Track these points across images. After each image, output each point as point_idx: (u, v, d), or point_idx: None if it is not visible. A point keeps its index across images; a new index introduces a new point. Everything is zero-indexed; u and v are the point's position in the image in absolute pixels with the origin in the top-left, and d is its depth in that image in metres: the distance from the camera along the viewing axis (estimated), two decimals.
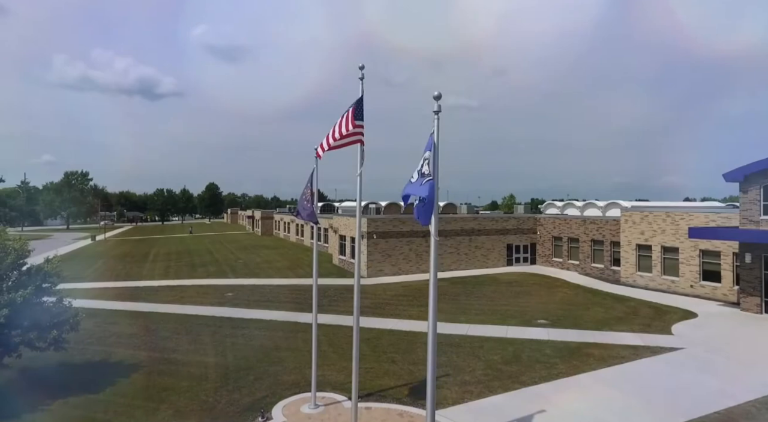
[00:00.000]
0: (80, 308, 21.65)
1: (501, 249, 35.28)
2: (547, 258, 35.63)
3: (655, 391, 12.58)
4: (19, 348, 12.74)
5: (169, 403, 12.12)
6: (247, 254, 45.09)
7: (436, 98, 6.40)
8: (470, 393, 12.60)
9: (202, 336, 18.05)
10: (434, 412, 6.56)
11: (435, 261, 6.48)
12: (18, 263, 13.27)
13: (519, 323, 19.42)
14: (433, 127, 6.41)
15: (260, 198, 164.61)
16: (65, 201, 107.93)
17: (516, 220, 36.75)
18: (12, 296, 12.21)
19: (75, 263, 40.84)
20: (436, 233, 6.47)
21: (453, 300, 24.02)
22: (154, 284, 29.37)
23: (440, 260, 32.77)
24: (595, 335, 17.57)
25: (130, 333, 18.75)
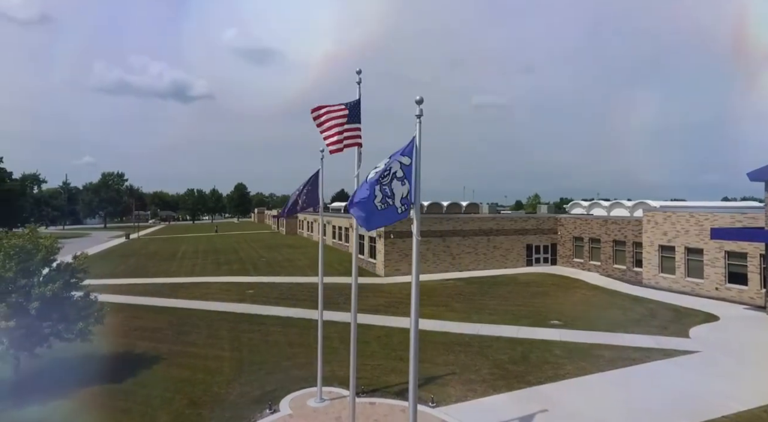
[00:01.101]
0: (109, 303, 22.89)
1: (520, 249, 34.96)
2: (568, 259, 35.09)
3: (663, 394, 12.41)
4: (49, 339, 13.63)
5: (185, 394, 12.76)
6: (270, 253, 46.17)
7: (418, 102, 6.64)
8: (474, 392, 12.74)
9: (221, 331, 18.77)
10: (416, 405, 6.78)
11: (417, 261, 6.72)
12: (48, 260, 14.18)
13: (531, 323, 19.34)
14: (415, 131, 6.64)
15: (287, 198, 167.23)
16: (102, 201, 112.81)
17: (536, 220, 36.34)
18: (42, 291, 13.09)
19: (109, 260, 42.84)
20: (418, 234, 6.71)
21: (467, 300, 24.07)
22: (180, 281, 30.52)
23: (458, 259, 32.81)
24: (608, 336, 17.35)
25: (153, 327, 19.65)
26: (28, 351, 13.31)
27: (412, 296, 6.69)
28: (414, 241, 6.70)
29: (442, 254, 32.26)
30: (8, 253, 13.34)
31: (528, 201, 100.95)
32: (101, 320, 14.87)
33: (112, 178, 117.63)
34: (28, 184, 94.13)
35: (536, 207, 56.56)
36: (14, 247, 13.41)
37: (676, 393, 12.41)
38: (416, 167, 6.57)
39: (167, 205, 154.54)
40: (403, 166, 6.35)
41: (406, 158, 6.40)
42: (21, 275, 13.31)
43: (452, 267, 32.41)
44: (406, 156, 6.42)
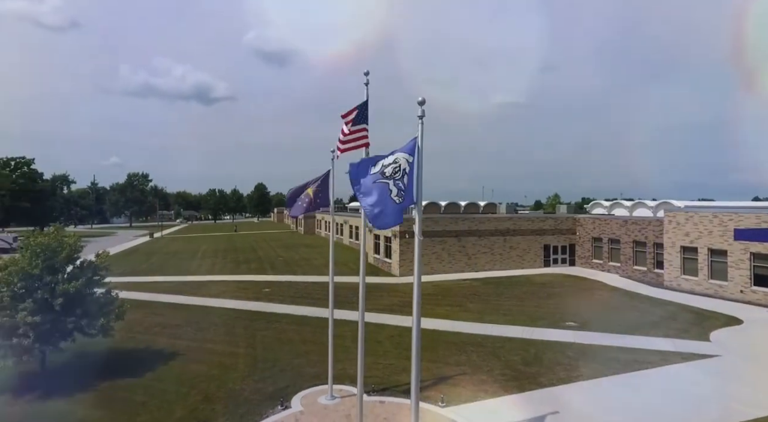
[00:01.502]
0: (132, 300, 23.59)
1: (537, 250, 34.55)
2: (587, 260, 34.51)
3: (679, 398, 12.17)
4: (73, 334, 14.17)
5: (200, 389, 13.10)
6: (288, 252, 46.73)
7: (420, 103, 6.71)
8: (484, 392, 12.72)
9: (237, 329, 19.15)
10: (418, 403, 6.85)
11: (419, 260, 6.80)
12: (72, 258, 14.73)
13: (546, 324, 19.14)
14: (417, 131, 6.71)
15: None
16: (128, 201, 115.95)
17: (554, 220, 35.85)
18: (66, 287, 13.62)
19: (133, 258, 44.07)
20: (420, 233, 6.78)
21: (482, 300, 23.96)
22: (200, 279, 31.20)
23: (474, 260, 32.63)
24: (625, 339, 17.05)
25: (173, 323, 20.17)
26: (53, 345, 13.87)
27: (414, 296, 6.77)
28: (416, 241, 6.78)
29: (457, 254, 32.15)
30: (35, 251, 13.92)
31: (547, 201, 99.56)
32: (122, 316, 15.40)
33: (137, 178, 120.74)
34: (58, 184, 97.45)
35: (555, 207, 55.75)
36: (40, 245, 13.98)
37: (693, 398, 12.15)
38: (418, 167, 6.65)
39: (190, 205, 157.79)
40: (408, 163, 6.45)
41: (409, 155, 6.49)
42: (46, 272, 13.87)
43: (468, 267, 32.26)
44: (409, 154, 6.50)
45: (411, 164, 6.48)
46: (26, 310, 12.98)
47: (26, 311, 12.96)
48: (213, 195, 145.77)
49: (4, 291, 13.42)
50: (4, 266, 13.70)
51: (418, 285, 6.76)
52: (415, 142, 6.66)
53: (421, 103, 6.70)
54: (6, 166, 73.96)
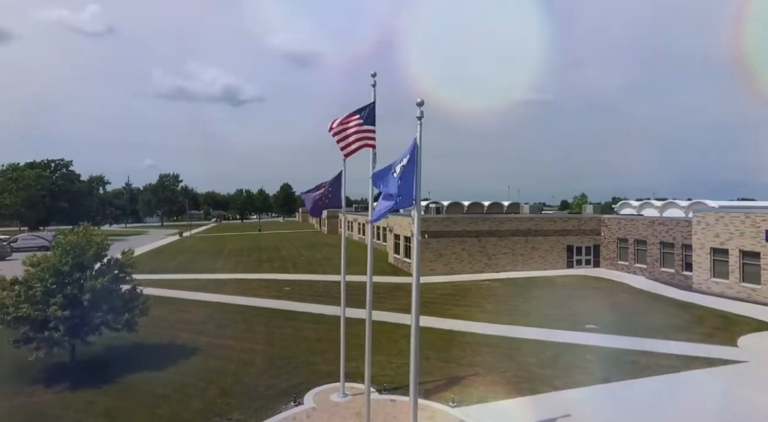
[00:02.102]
0: (158, 296, 24.43)
1: (560, 251, 33.93)
2: (612, 261, 33.67)
3: (698, 405, 11.81)
4: (100, 328, 14.84)
5: (217, 384, 13.51)
6: (310, 251, 47.37)
7: (419, 105, 6.80)
8: (496, 393, 12.66)
9: (256, 326, 19.61)
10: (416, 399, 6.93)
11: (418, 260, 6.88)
12: (100, 255, 15.42)
13: (565, 327, 18.83)
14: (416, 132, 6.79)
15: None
16: (160, 201, 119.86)
17: (577, 220, 35.13)
18: (93, 284, 14.26)
19: (162, 257, 45.56)
20: (418, 233, 6.85)
21: (501, 301, 23.75)
22: (224, 277, 32.02)
23: (494, 260, 32.33)
24: (646, 342, 16.61)
25: (195, 320, 20.80)
26: (82, 339, 14.54)
27: (413, 295, 6.86)
28: (414, 240, 6.86)
29: (477, 254, 31.92)
30: (65, 249, 14.64)
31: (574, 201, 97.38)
32: (146, 312, 16.00)
33: (168, 179, 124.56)
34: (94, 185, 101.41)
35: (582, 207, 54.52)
36: (70, 243, 14.70)
37: (715, 405, 11.78)
38: (417, 167, 6.72)
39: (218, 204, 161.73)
40: (402, 166, 6.54)
41: (406, 158, 6.59)
42: (76, 269, 14.55)
43: (488, 268, 31.99)
44: (409, 155, 6.60)
45: (409, 166, 6.56)
46: (57, 305, 13.65)
47: (57, 306, 13.62)
48: (240, 195, 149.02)
49: (38, 286, 14.14)
50: (37, 263, 14.45)
51: (416, 286, 6.84)
52: (414, 143, 6.75)
53: (420, 105, 6.79)
54: (46, 167, 77.58)
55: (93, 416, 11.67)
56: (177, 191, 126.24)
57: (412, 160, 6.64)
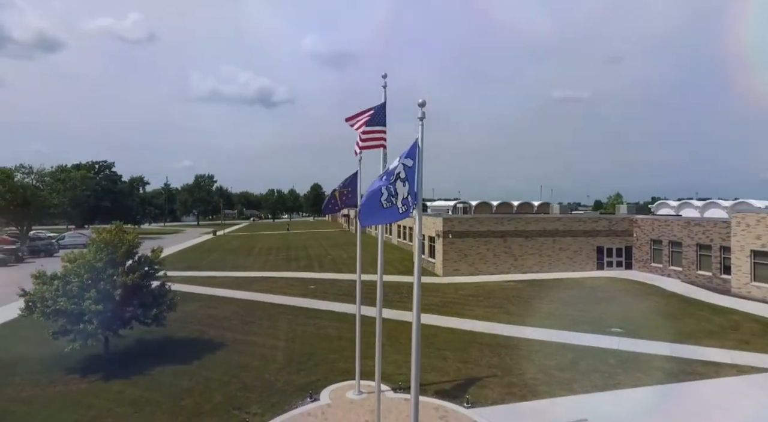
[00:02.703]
0: (189, 293, 25.37)
1: (589, 252, 33.00)
2: (645, 263, 32.48)
3: (726, 414, 11.32)
4: (131, 322, 15.60)
5: (239, 379, 13.95)
6: (337, 251, 47.91)
7: (421, 105, 6.85)
8: (512, 395, 12.54)
9: (280, 323, 20.08)
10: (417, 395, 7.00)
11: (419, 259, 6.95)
12: (131, 253, 16.20)
13: (589, 330, 18.37)
14: (417, 133, 6.86)
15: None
16: (195, 200, 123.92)
17: (607, 221, 34.06)
18: (124, 279, 15.01)
19: (195, 255, 47.16)
20: (419, 234, 6.92)
21: (524, 303, 23.37)
22: (252, 275, 32.87)
23: (520, 261, 31.81)
24: (674, 348, 16.01)
25: (223, 316, 21.48)
26: (114, 332, 15.33)
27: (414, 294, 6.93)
28: (416, 241, 6.93)
29: (503, 254, 31.47)
30: (99, 246, 15.46)
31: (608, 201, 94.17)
32: (173, 307, 16.69)
33: (204, 179, 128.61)
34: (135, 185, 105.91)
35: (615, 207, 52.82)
36: (103, 241, 15.51)
37: (743, 415, 11.26)
38: (419, 169, 6.78)
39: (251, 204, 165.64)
40: (406, 167, 6.60)
41: (409, 159, 6.64)
42: (109, 266, 15.35)
43: (514, 269, 31.50)
44: (409, 158, 6.65)
45: (410, 168, 6.62)
46: (91, 299, 14.43)
47: (91, 300, 14.40)
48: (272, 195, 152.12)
49: (74, 281, 14.99)
50: (74, 259, 15.32)
51: (418, 285, 6.92)
52: (416, 144, 6.81)
53: (422, 105, 6.84)
54: (91, 169, 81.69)
55: (122, 405, 12.29)
56: (212, 191, 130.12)
57: (416, 162, 6.70)
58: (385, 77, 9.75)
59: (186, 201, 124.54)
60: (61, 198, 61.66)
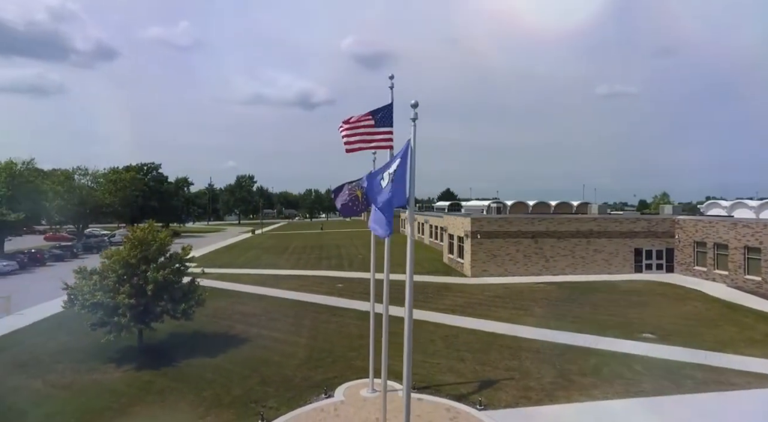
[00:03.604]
0: (222, 290, 26.33)
1: (627, 254, 31.63)
2: (688, 266, 30.78)
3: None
4: (162, 316, 16.41)
5: (259, 373, 14.42)
6: (368, 250, 48.17)
7: (413, 106, 6.90)
8: (527, 399, 12.31)
9: (304, 320, 20.53)
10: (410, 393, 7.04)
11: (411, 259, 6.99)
12: (163, 250, 17.03)
13: (618, 335, 17.68)
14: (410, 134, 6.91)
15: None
16: (237, 200, 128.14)
17: (647, 222, 32.50)
18: (155, 275, 15.82)
19: (232, 252, 48.83)
20: (411, 233, 6.96)
21: (552, 305, 22.76)
22: (284, 273, 33.71)
23: (552, 262, 30.94)
24: (710, 356, 15.16)
25: (251, 312, 22.19)
26: (146, 325, 16.18)
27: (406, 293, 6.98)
28: (409, 240, 6.98)
29: (533, 255, 30.70)
30: (134, 243, 16.38)
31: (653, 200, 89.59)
32: (202, 303, 17.42)
33: (245, 180, 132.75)
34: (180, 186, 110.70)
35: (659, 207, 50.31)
36: (137, 239, 16.40)
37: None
38: (411, 168, 6.84)
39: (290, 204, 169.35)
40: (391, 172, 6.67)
41: (398, 159, 6.71)
42: (142, 262, 16.22)
43: (545, 270, 30.67)
44: (400, 158, 6.72)
45: (401, 166, 6.68)
46: (125, 293, 15.34)
47: (125, 295, 15.30)
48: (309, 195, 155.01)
49: (111, 276, 15.98)
50: (111, 256, 16.30)
51: (410, 284, 6.96)
52: (408, 145, 6.86)
53: (414, 106, 6.89)
54: (140, 170, 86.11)
55: (150, 394, 13.00)
56: (252, 191, 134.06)
57: (404, 162, 6.76)
58: (392, 78, 9.81)
59: (228, 201, 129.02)
60: (113, 198, 65.36)
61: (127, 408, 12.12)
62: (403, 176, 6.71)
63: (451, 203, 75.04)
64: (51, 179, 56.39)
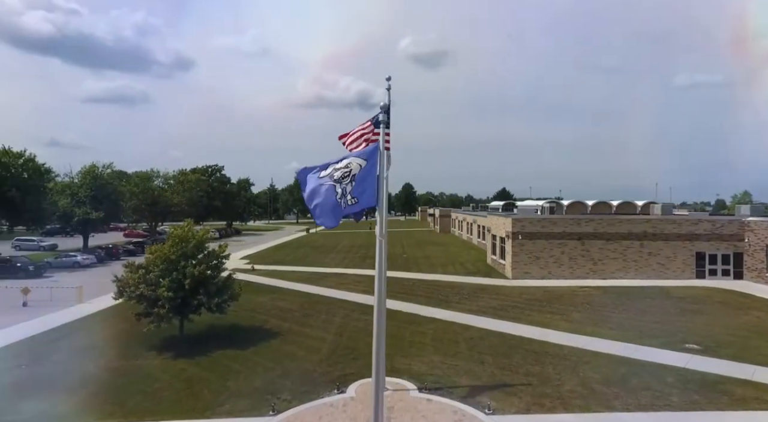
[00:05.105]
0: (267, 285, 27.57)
1: (687, 258, 29.17)
2: (759, 273, 27.85)
3: None
4: (199, 309, 17.58)
5: (282, 366, 15.06)
6: (414, 250, 48.25)
7: (383, 109, 6.99)
8: (540, 406, 11.90)
9: (335, 317, 21.06)
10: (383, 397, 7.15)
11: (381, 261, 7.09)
12: (201, 247, 18.22)
13: (658, 344, 16.49)
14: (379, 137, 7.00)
15: (455, 197, 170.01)
16: (295, 200, 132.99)
17: (710, 223, 29.75)
18: (192, 270, 16.99)
19: (284, 250, 50.85)
20: (381, 234, 7.05)
21: (593, 311, 21.61)
22: (327, 271, 34.63)
23: (600, 266, 29.27)
24: (759, 372, 13.77)
25: (287, 308, 23.10)
26: (185, 317, 17.43)
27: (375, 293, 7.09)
28: (377, 241, 7.08)
29: (579, 258, 29.20)
30: (174, 240, 17.68)
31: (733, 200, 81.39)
32: (236, 298, 18.45)
33: None
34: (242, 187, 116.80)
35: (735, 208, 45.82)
36: (178, 236, 17.70)
37: None
38: (380, 170, 6.93)
39: None
40: (361, 167, 6.79)
41: (362, 160, 6.83)
42: (182, 258, 17.47)
43: (592, 274, 29.07)
44: (363, 158, 6.83)
45: (366, 168, 6.79)
46: (165, 287, 16.61)
47: (164, 288, 16.57)
48: None
49: (155, 271, 17.36)
50: (154, 252, 17.70)
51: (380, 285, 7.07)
52: (375, 147, 6.96)
53: (384, 109, 6.97)
54: (205, 172, 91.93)
55: (179, 381, 14.02)
56: None
57: (372, 163, 6.86)
58: (389, 80, 9.87)
59: (287, 200, 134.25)
60: (180, 199, 70.41)
61: (158, 393, 13.17)
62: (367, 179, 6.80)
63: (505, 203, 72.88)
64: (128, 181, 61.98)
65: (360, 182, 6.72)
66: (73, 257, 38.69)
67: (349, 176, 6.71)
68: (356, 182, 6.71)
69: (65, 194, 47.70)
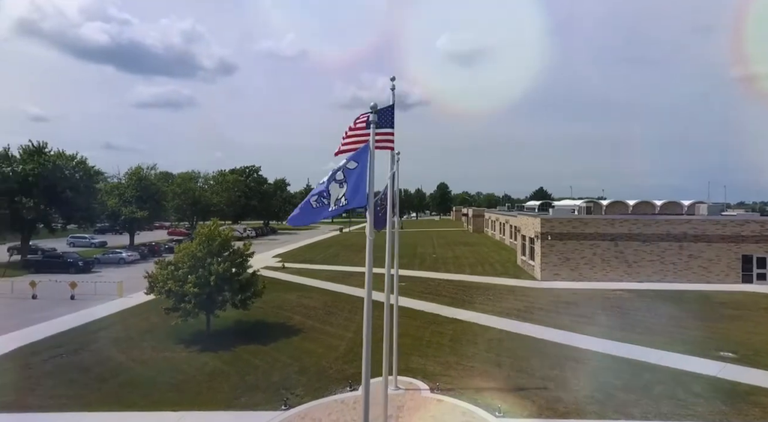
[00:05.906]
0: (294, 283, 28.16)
1: (731, 261, 27.45)
2: None
3: None
4: (224, 305, 18.22)
5: (300, 363, 15.38)
6: (444, 250, 47.88)
7: (372, 109, 7.05)
8: (552, 411, 11.60)
9: (356, 316, 21.25)
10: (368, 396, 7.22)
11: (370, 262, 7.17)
12: (226, 246, 18.86)
13: (689, 351, 15.67)
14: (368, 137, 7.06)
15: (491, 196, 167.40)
16: None
17: (758, 225, 27.84)
18: (217, 268, 17.63)
19: (315, 249, 51.71)
20: (370, 234, 7.11)
21: (622, 314, 20.77)
22: (354, 270, 34.96)
23: (635, 268, 28.04)
24: None
25: (312, 305, 23.53)
26: (210, 312, 18.10)
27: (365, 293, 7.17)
28: (368, 241, 7.15)
29: (613, 260, 28.07)
30: (201, 239, 18.41)
31: None
32: (259, 294, 19.00)
33: None
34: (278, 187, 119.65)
35: None
36: (204, 235, 18.41)
37: None
38: (370, 171, 6.99)
39: None
40: (346, 170, 6.87)
41: (352, 162, 6.90)
42: (207, 256, 18.17)
43: (627, 276, 27.88)
44: (353, 161, 6.91)
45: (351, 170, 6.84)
46: (191, 283, 17.33)
47: (191, 284, 17.29)
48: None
49: (183, 267, 18.13)
50: (181, 249, 18.49)
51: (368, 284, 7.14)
52: (366, 147, 7.03)
53: (374, 109, 7.03)
54: (243, 173, 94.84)
55: (202, 374, 14.59)
56: None
57: (363, 164, 6.92)
58: (393, 80, 9.95)
59: None
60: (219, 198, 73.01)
61: (181, 385, 13.74)
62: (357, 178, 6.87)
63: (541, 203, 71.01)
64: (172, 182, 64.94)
65: (351, 182, 6.80)
66: (118, 254, 40.93)
67: (332, 180, 6.81)
68: (347, 183, 6.79)
69: (113, 194, 50.62)
